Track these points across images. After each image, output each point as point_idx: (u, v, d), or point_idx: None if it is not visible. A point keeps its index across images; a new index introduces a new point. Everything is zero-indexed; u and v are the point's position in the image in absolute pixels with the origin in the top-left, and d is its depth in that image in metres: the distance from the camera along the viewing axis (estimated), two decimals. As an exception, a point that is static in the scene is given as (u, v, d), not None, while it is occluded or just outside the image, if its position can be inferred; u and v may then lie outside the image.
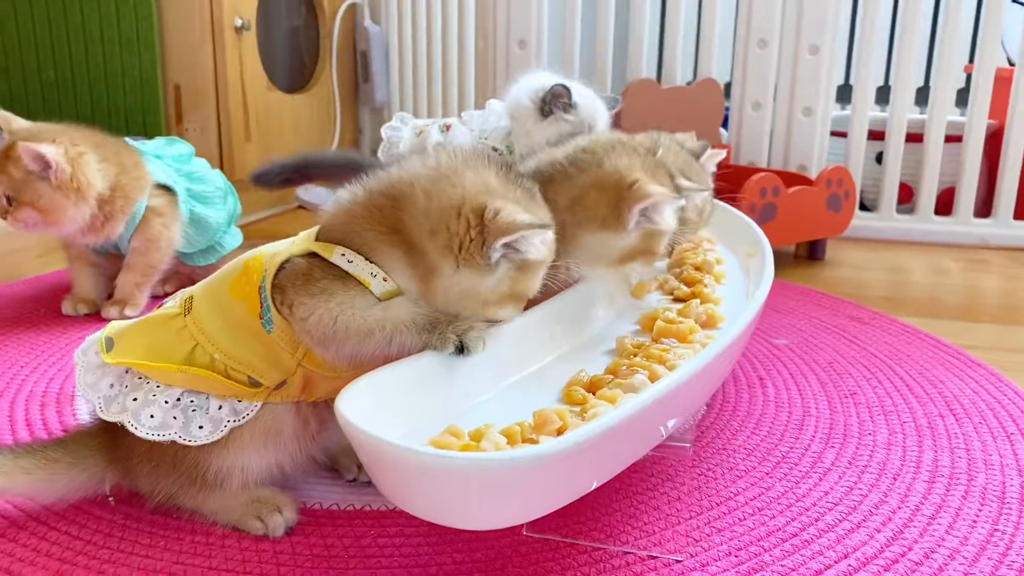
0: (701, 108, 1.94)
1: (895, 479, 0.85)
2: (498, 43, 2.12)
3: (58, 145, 1.19)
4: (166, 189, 1.31)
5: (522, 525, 0.73)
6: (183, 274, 1.40)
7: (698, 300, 0.94)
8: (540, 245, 0.71)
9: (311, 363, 0.71)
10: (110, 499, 0.78)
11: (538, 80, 1.45)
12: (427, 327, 0.69)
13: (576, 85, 1.46)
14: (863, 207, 2.06)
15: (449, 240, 0.68)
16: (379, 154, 1.57)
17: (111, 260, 1.33)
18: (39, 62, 2.04)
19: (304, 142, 2.38)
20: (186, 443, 0.70)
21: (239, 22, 2.01)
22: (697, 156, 1.10)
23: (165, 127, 2.03)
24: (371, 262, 0.69)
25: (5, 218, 1.21)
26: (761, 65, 1.97)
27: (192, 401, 0.71)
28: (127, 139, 1.33)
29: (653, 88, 1.86)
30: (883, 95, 2.30)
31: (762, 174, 1.61)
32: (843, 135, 2.02)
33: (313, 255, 0.70)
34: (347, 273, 0.69)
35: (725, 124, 2.08)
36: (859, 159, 1.99)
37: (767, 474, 0.86)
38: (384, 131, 1.58)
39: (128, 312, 1.28)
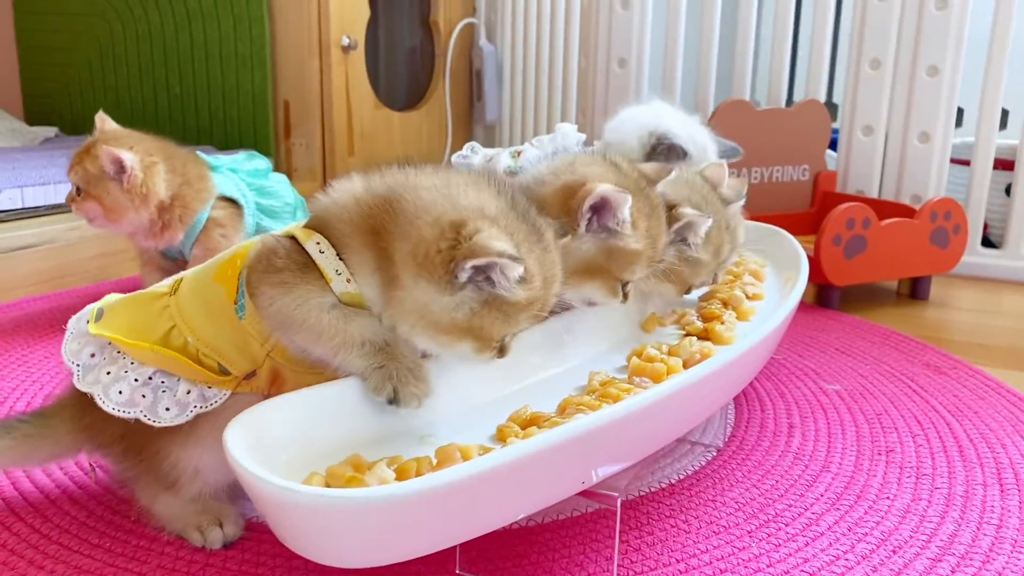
0: (803, 132, 1.83)
1: (893, 553, 0.76)
2: (599, 62, 2.09)
3: (135, 153, 1.26)
4: (232, 202, 1.37)
5: (455, 563, 0.70)
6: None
7: (693, 338, 0.88)
8: (512, 282, 0.63)
9: (280, 355, 0.71)
10: (92, 471, 0.80)
11: (650, 117, 1.35)
12: (374, 357, 0.68)
13: (689, 129, 1.34)
14: (989, 243, 1.87)
15: (415, 246, 0.65)
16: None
17: (180, 266, 1.40)
18: (167, 77, 2.20)
19: (413, 156, 2.43)
20: (151, 423, 0.70)
21: (346, 41, 2.08)
22: (727, 201, 1.02)
23: (274, 140, 2.13)
24: (340, 258, 0.68)
25: (71, 204, 1.30)
26: (873, 87, 1.83)
27: (163, 382, 0.71)
28: (199, 152, 1.39)
29: (746, 110, 1.77)
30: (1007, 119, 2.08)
31: (851, 204, 1.49)
32: (965, 163, 1.84)
33: (292, 238, 0.69)
34: (312, 263, 0.68)
35: (834, 147, 1.95)
36: (983, 190, 1.81)
37: (749, 533, 0.79)
38: (454, 159, 1.59)
39: (188, 316, 1.34)
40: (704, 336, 0.94)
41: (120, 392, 0.71)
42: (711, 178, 1.07)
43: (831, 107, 1.92)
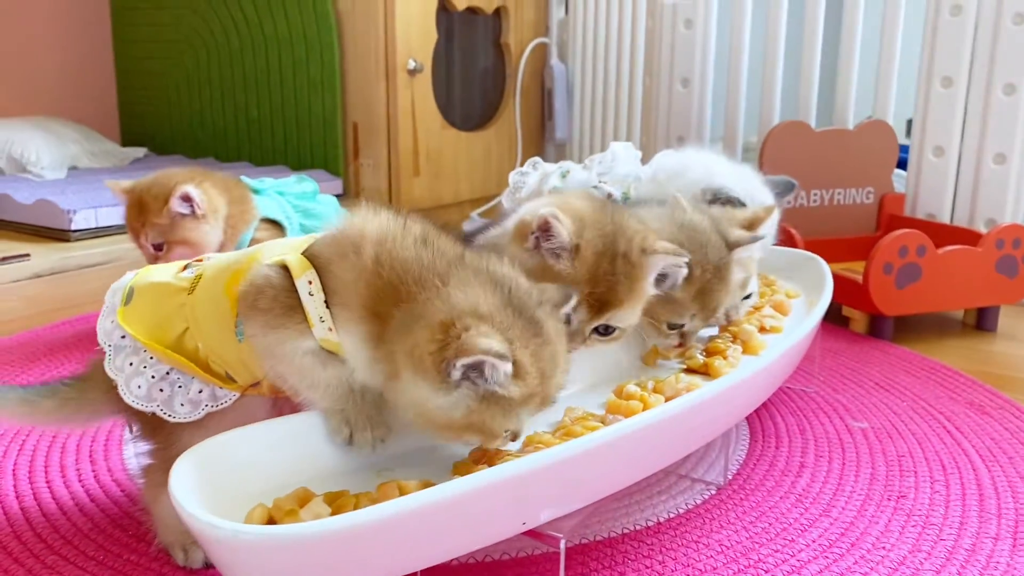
0: (867, 153, 1.76)
1: (871, 608, 0.73)
2: (662, 81, 2.07)
3: (187, 182, 1.33)
4: (275, 223, 1.43)
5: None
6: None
7: (682, 375, 0.87)
8: (506, 379, 0.63)
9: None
10: (132, 435, 0.83)
11: (700, 172, 1.27)
12: (337, 401, 0.70)
13: (748, 182, 1.27)
14: (1073, 271, 1.75)
15: (411, 347, 0.64)
16: (503, 199, 1.59)
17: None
18: (247, 101, 2.30)
19: (481, 178, 2.46)
20: (168, 417, 0.74)
21: (412, 64, 2.14)
22: (734, 244, 0.97)
23: (344, 161, 2.20)
24: (328, 305, 0.69)
25: (156, 263, 1.35)
26: (945, 106, 1.75)
27: (179, 378, 0.75)
28: (243, 177, 1.45)
29: (803, 132, 1.72)
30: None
31: (905, 231, 1.43)
32: (1046, 187, 1.74)
33: (285, 268, 0.71)
34: (298, 304, 0.69)
35: (904, 167, 1.86)
36: (1066, 215, 1.70)
37: (723, 578, 0.77)
38: (511, 176, 1.60)
39: (233, 333, 1.40)
40: (704, 371, 0.93)
41: (139, 387, 0.75)
42: (731, 218, 1.04)
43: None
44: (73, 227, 1.61)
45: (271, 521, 0.62)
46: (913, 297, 1.44)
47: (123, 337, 0.77)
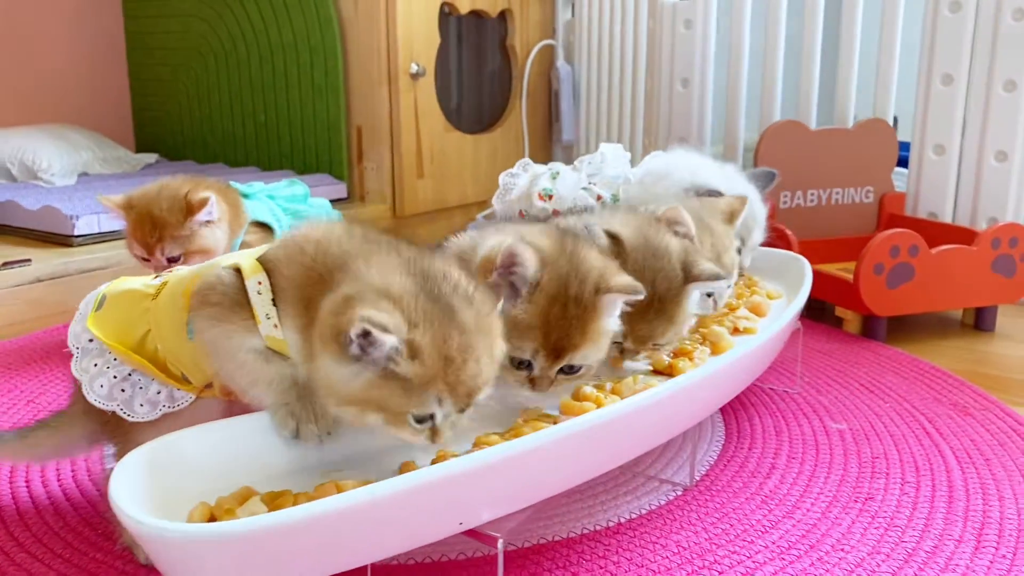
0: (866, 152, 1.75)
1: (820, 609, 0.72)
2: (663, 81, 2.07)
3: (196, 190, 1.32)
4: (264, 226, 1.45)
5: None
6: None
7: (640, 376, 0.87)
8: (393, 352, 0.62)
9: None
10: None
11: (684, 173, 1.30)
12: (282, 395, 0.71)
13: (734, 181, 1.31)
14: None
15: (321, 322, 0.66)
16: (493, 200, 1.60)
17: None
18: (254, 106, 2.33)
19: (487, 180, 2.47)
20: (127, 417, 0.76)
21: (415, 68, 2.15)
22: (688, 276, 0.96)
23: (348, 165, 2.22)
24: (275, 303, 0.71)
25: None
26: (945, 103, 1.73)
27: (139, 379, 0.77)
28: (231, 182, 1.47)
29: (799, 131, 1.71)
30: None
31: (896, 231, 1.42)
32: (1050, 184, 1.71)
33: (237, 270, 0.73)
34: (246, 301, 0.71)
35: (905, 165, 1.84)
36: (1070, 213, 1.67)
37: (676, 579, 0.77)
38: (501, 178, 1.61)
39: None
40: (669, 372, 0.93)
41: (101, 386, 0.77)
42: (712, 208, 1.04)
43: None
44: (76, 232, 1.64)
45: (213, 519, 0.63)
46: (906, 297, 1.43)
47: (90, 340, 0.80)
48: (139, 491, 0.62)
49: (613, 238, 0.87)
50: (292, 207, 1.51)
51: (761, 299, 1.14)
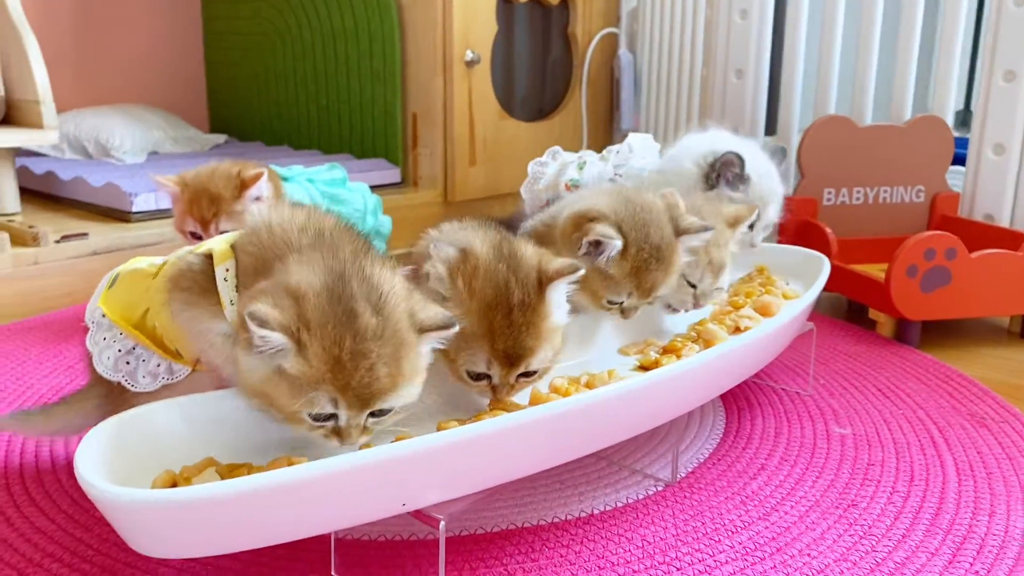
0: (918, 150, 1.69)
1: (767, 612, 0.72)
2: (717, 72, 2.04)
3: (249, 170, 1.39)
4: (302, 210, 1.50)
5: (330, 565, 0.76)
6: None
7: (616, 371, 0.87)
8: (272, 348, 0.64)
9: None
10: None
11: (710, 142, 1.33)
12: None
13: (754, 155, 1.31)
14: None
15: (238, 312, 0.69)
16: (521, 189, 1.62)
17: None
18: (317, 90, 2.40)
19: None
20: (131, 387, 0.82)
21: (470, 56, 2.18)
22: (683, 230, 0.97)
23: (403, 150, 2.27)
24: (238, 289, 0.75)
25: None
26: (1007, 101, 1.65)
27: (142, 353, 0.83)
28: (273, 166, 1.53)
29: (846, 127, 1.66)
30: None
31: (934, 233, 1.37)
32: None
33: (209, 256, 0.77)
34: (214, 287, 0.75)
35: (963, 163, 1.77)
36: None
37: (632, 574, 0.78)
38: (530, 167, 1.62)
39: (262, 313, 1.49)
40: (654, 366, 0.93)
41: (108, 359, 0.83)
42: (716, 213, 1.04)
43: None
44: (134, 209, 1.73)
45: (174, 486, 0.68)
46: (941, 302, 1.38)
47: (103, 316, 0.86)
48: (106, 460, 0.66)
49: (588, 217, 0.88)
50: (330, 191, 1.56)
51: (771, 299, 1.12)
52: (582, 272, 0.80)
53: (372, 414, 0.68)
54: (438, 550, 0.78)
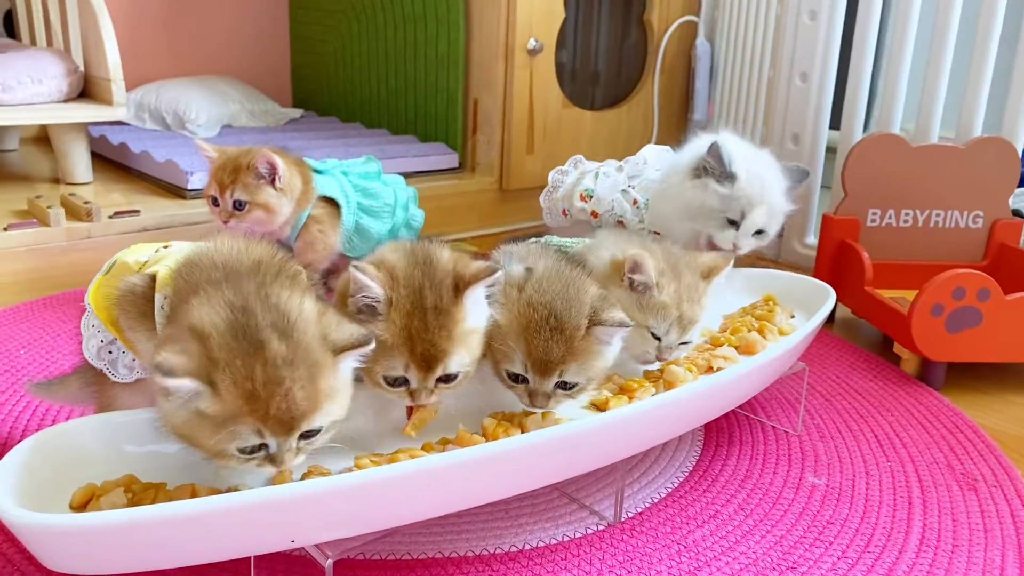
0: (978, 173, 1.58)
1: None
2: (782, 73, 1.96)
3: (274, 154, 1.46)
4: (332, 202, 1.54)
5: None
6: (353, 275, 1.63)
7: (546, 414, 0.87)
8: (194, 395, 0.66)
9: None
10: None
11: (710, 140, 1.32)
12: None
13: (749, 157, 1.31)
14: None
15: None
16: (541, 199, 1.61)
17: (288, 252, 1.60)
18: (387, 72, 2.44)
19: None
20: (112, 377, 0.88)
21: (532, 44, 2.16)
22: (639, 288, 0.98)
23: (462, 136, 2.28)
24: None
25: (228, 222, 1.50)
26: (1083, 125, 1.52)
27: (120, 346, 0.88)
28: (305, 158, 1.57)
29: (896, 145, 1.57)
30: None
31: (965, 271, 1.29)
32: None
33: (153, 278, 0.81)
34: (152, 309, 0.80)
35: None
36: None
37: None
38: (551, 175, 1.61)
39: (289, 299, 1.56)
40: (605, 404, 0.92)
41: (92, 346, 0.89)
42: (691, 264, 1.02)
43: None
44: (189, 187, 1.82)
45: (91, 499, 0.73)
46: (969, 344, 1.30)
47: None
48: (32, 472, 0.71)
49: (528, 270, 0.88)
50: (363, 184, 1.60)
51: (756, 338, 1.09)
52: (499, 275, 0.82)
53: (303, 435, 0.71)
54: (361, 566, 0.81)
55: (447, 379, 0.81)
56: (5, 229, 1.53)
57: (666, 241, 1.10)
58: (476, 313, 0.82)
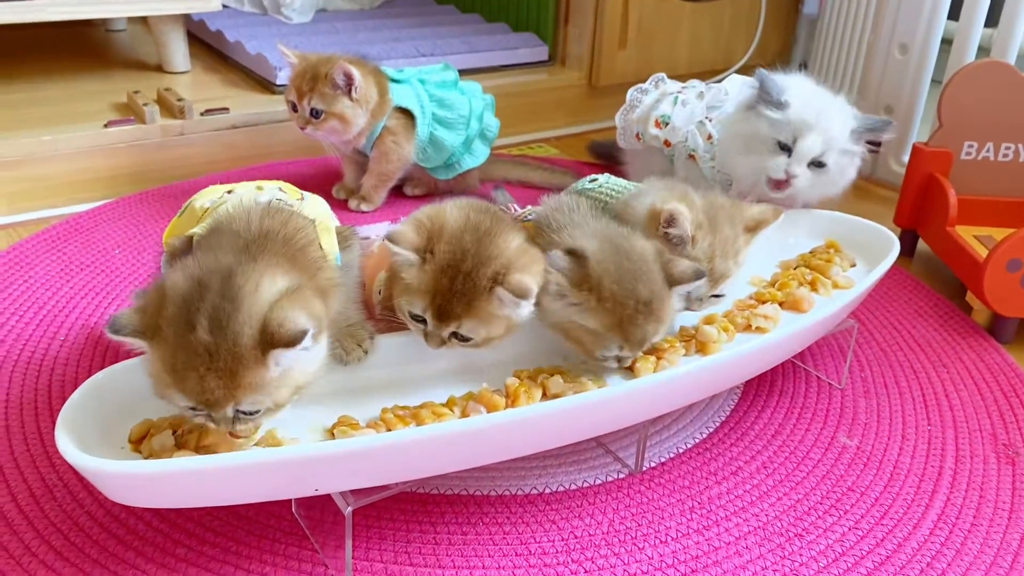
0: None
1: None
2: (881, 40, 1.79)
3: (351, 65, 1.48)
4: (406, 112, 1.56)
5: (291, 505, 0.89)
6: (428, 182, 1.67)
7: (563, 376, 0.91)
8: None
9: None
10: None
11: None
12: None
13: (807, 88, 1.27)
14: None
15: None
16: (616, 117, 1.58)
17: (366, 161, 1.64)
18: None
19: (707, 51, 2.35)
20: None
21: (627, -68, 2.05)
22: (671, 280, 0.94)
23: (553, 27, 2.22)
24: None
25: (305, 128, 1.54)
26: None
27: None
28: (381, 67, 1.58)
29: (1003, 74, 1.45)
30: None
31: (1052, 226, 1.22)
32: None
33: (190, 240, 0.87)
34: None
35: None
36: None
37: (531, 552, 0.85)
38: (629, 93, 1.57)
39: (364, 207, 1.61)
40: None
41: None
42: (738, 215, 1.01)
43: None
44: (277, 82, 1.86)
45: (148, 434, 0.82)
46: (1042, 305, 1.25)
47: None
48: (93, 414, 0.80)
49: (574, 254, 0.88)
50: (439, 93, 1.60)
51: (803, 295, 1.07)
52: (530, 300, 0.85)
53: (241, 413, 0.75)
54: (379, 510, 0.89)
55: (463, 338, 0.87)
56: (105, 126, 1.62)
57: (715, 190, 1.07)
58: (505, 308, 0.86)
